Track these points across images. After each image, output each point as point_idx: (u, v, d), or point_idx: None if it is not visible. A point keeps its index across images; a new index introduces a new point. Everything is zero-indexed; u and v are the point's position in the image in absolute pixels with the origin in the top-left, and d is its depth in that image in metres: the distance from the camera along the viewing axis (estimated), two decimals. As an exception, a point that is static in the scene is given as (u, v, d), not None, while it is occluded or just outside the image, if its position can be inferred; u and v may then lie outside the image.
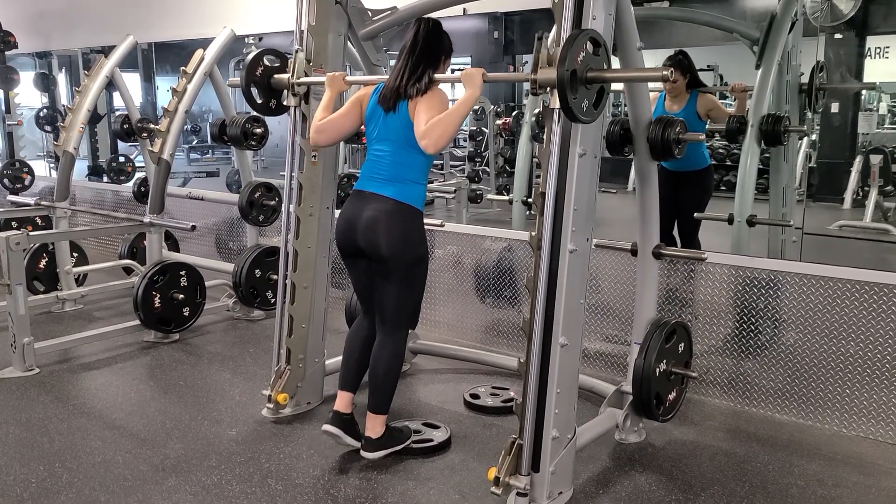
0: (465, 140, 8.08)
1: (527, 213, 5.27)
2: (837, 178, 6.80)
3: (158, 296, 4.43)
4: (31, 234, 4.42)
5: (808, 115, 4.58)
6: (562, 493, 2.66)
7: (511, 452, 2.53)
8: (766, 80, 4.16)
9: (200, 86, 4.69)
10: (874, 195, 6.30)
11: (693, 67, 4.33)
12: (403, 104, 2.80)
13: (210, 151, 10.68)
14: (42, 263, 5.32)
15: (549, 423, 2.53)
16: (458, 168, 8.35)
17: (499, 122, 7.55)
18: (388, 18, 3.43)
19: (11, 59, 7.91)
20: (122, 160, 7.28)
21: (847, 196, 6.61)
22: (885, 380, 3.20)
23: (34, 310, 4.69)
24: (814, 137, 5.84)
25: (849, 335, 3.26)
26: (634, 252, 3.20)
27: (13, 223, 5.59)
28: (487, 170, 7.90)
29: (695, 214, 4.34)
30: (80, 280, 5.52)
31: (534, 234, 2.50)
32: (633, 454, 3.09)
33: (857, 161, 6.65)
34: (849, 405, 3.29)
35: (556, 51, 2.32)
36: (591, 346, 4.02)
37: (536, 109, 5.11)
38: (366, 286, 3.01)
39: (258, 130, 4.75)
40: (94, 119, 7.77)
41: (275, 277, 4.78)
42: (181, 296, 4.52)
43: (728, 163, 7.29)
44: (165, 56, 8.42)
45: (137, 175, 6.63)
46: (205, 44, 4.79)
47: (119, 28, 5.98)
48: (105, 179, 7.50)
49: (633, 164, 3.08)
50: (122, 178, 7.17)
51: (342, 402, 3.00)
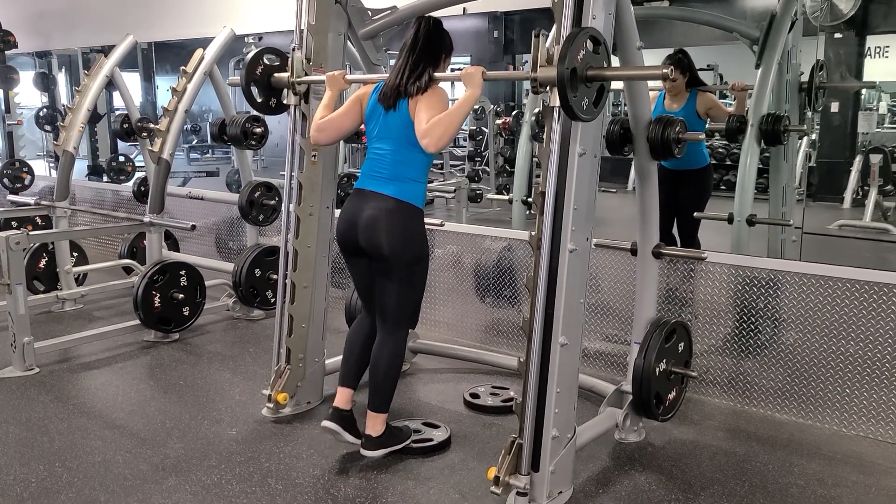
0: (465, 140, 8.07)
1: (527, 213, 5.27)
2: (837, 178, 6.79)
3: (158, 295, 4.43)
4: (31, 234, 4.41)
5: (808, 115, 4.58)
6: (562, 493, 2.66)
7: (511, 452, 2.53)
8: (766, 80, 4.17)
9: (200, 85, 4.69)
10: (874, 195, 6.30)
11: (693, 66, 4.33)
12: (404, 102, 2.80)
13: (210, 151, 10.67)
14: (42, 263, 5.32)
15: (549, 423, 2.53)
16: (458, 168, 8.35)
17: (499, 122, 7.55)
18: (388, 18, 3.43)
19: (11, 59, 7.92)
20: (122, 160, 7.28)
21: (847, 195, 6.61)
22: (885, 379, 3.19)
23: (34, 309, 4.69)
24: (814, 137, 5.84)
25: (848, 335, 3.26)
26: (634, 251, 3.20)
27: (13, 223, 5.59)
28: (487, 169, 7.90)
29: (694, 214, 4.34)
30: (80, 280, 5.52)
31: (534, 234, 2.50)
32: (633, 454, 3.09)
33: (857, 160, 6.65)
34: (848, 405, 3.29)
35: (556, 49, 2.32)
36: (591, 346, 4.02)
37: (536, 109, 5.11)
38: (367, 285, 3.01)
39: (258, 130, 4.74)
40: (94, 119, 7.76)
41: (275, 277, 4.78)
42: (181, 295, 4.52)
43: (728, 162, 7.29)
44: (165, 56, 8.42)
45: (137, 175, 6.62)
46: (205, 43, 4.79)
47: (119, 28, 5.98)
48: (105, 179, 7.50)
49: (633, 164, 3.08)
50: (122, 178, 7.17)
51: (342, 399, 3.01)
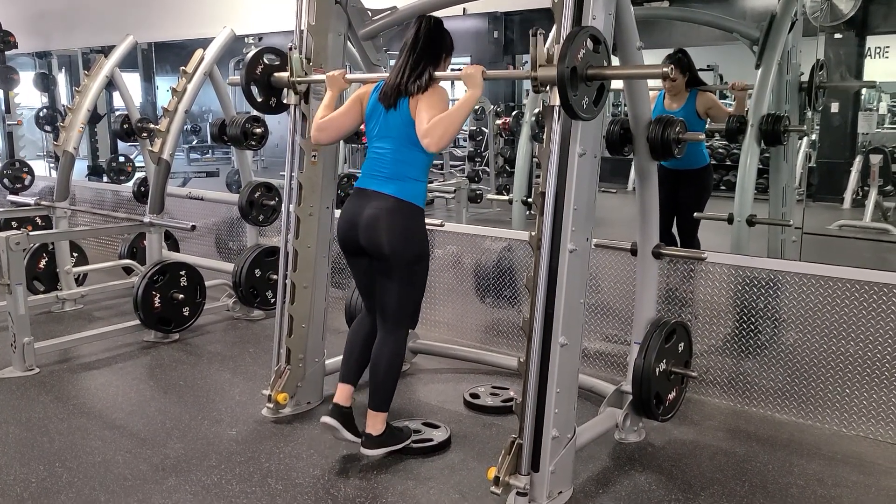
0: (465, 140, 8.06)
1: (527, 213, 5.27)
2: (837, 178, 6.79)
3: (158, 296, 4.43)
4: (31, 234, 4.41)
5: (808, 115, 4.58)
6: (561, 493, 2.66)
7: (511, 452, 2.53)
8: (766, 80, 4.17)
9: (200, 86, 4.69)
10: (874, 195, 6.29)
11: (692, 66, 4.33)
12: (404, 101, 2.81)
13: (210, 151, 10.66)
14: (42, 263, 5.32)
15: (549, 423, 2.53)
16: (458, 168, 8.34)
17: (499, 122, 7.54)
18: (388, 18, 3.43)
19: (11, 59, 7.92)
20: (122, 160, 7.29)
21: (847, 196, 6.60)
22: (885, 379, 3.19)
23: (34, 310, 4.69)
24: (814, 137, 5.83)
25: (848, 335, 3.26)
26: (634, 252, 3.20)
27: (13, 223, 5.59)
28: (487, 170, 7.89)
29: (694, 214, 4.35)
30: (80, 280, 5.52)
31: (534, 234, 2.50)
32: (633, 454, 3.09)
33: (857, 161, 6.64)
34: (848, 405, 3.29)
35: (557, 48, 2.32)
36: (591, 346, 4.02)
37: (536, 109, 5.12)
38: (368, 284, 3.02)
39: (258, 130, 4.75)
40: (94, 119, 7.77)
41: (275, 277, 4.78)
42: (181, 296, 4.52)
43: (728, 162, 7.28)
44: (165, 56, 8.42)
45: (137, 175, 6.63)
46: (205, 44, 4.79)
47: (119, 28, 5.98)
48: (105, 179, 7.50)
49: (633, 164, 3.08)
50: (122, 178, 7.18)
51: (342, 395, 3.01)
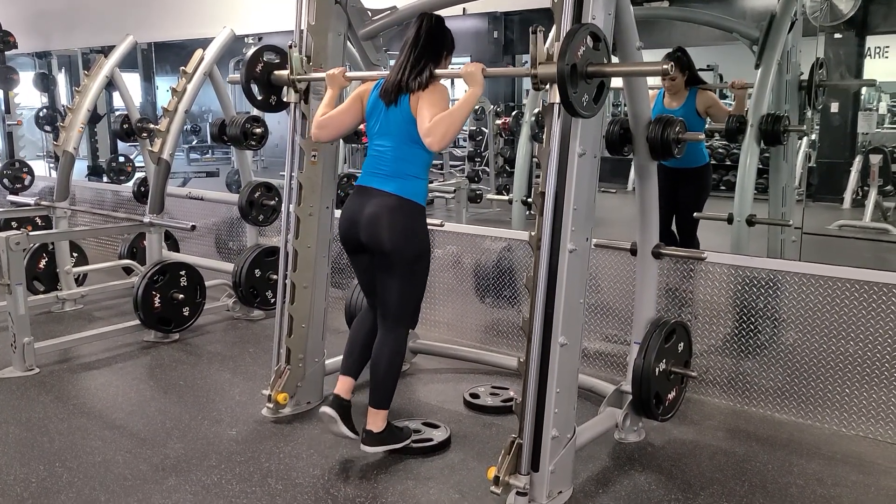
0: (465, 140, 8.06)
1: (526, 213, 5.27)
2: (837, 178, 6.79)
3: (158, 296, 4.43)
4: (31, 234, 4.42)
5: (808, 115, 4.58)
6: (561, 493, 2.66)
7: (511, 452, 2.53)
8: (766, 80, 4.17)
9: (200, 86, 4.69)
10: (874, 195, 6.29)
11: (692, 64, 4.33)
12: (405, 98, 2.81)
13: (210, 151, 10.66)
14: (42, 263, 5.32)
15: (549, 423, 2.53)
16: (458, 168, 8.34)
17: (498, 122, 7.54)
18: (388, 18, 3.43)
19: (11, 59, 7.91)
20: (122, 160, 7.29)
21: (847, 196, 6.60)
22: (885, 379, 3.20)
23: (34, 310, 4.69)
24: (813, 137, 5.83)
25: (848, 335, 3.26)
26: (634, 252, 3.20)
27: (13, 223, 5.59)
28: (487, 170, 7.89)
29: (694, 214, 4.35)
30: (80, 280, 5.52)
31: (533, 234, 2.50)
32: (633, 453, 3.09)
33: (857, 161, 6.64)
34: (848, 404, 3.29)
35: (557, 46, 2.32)
36: (591, 346, 4.02)
37: (536, 109, 5.12)
38: (369, 281, 3.03)
39: (258, 130, 4.75)
40: (94, 119, 7.77)
41: (274, 277, 4.78)
42: (181, 296, 4.52)
43: (728, 162, 7.28)
44: (165, 56, 8.41)
45: (137, 175, 6.63)
46: (205, 44, 4.79)
47: (119, 28, 5.98)
48: (105, 179, 7.50)
49: (633, 164, 3.08)
50: (122, 178, 7.18)
51: (343, 387, 3.01)
